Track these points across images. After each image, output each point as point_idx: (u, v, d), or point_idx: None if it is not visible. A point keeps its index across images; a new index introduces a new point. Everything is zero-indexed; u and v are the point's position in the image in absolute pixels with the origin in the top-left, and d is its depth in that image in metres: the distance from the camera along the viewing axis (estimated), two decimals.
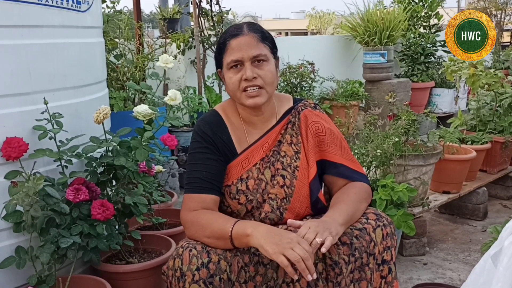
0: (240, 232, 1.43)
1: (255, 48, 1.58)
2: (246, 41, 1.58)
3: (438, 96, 5.98)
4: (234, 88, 1.60)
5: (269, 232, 1.41)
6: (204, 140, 1.64)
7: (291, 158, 1.67)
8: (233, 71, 1.59)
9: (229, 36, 1.60)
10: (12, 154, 1.71)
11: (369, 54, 5.29)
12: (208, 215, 1.53)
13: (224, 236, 1.45)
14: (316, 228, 1.43)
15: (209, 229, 1.49)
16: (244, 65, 1.57)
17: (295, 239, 1.37)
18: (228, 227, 1.46)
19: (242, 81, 1.57)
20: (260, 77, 1.58)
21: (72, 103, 2.00)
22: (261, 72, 1.58)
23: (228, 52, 1.59)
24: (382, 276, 1.57)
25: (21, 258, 1.77)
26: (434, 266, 2.60)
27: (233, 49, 1.58)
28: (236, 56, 1.57)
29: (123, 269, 1.99)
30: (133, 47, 3.78)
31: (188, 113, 4.09)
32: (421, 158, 2.63)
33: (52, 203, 1.75)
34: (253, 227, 1.43)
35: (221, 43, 1.62)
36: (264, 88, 1.59)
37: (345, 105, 4.89)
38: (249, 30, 1.60)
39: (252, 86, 1.57)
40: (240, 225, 1.45)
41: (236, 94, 1.61)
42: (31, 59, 1.81)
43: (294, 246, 1.34)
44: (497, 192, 3.60)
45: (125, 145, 2.01)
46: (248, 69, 1.56)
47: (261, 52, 1.59)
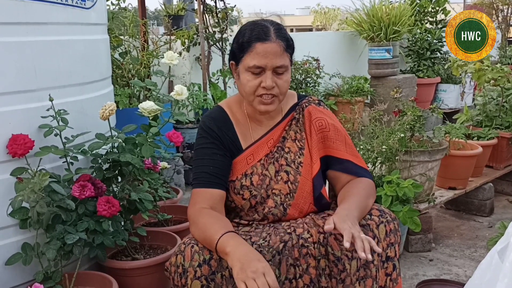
0: (222, 248, 1.41)
1: (279, 58, 1.55)
2: (272, 49, 1.54)
3: (444, 91, 5.95)
4: (250, 91, 1.58)
5: (244, 256, 1.36)
6: (210, 136, 1.64)
7: (295, 154, 1.67)
8: (251, 75, 1.56)
9: (256, 39, 1.55)
10: (18, 151, 1.72)
11: (375, 50, 5.26)
12: (206, 218, 1.52)
13: (212, 246, 1.44)
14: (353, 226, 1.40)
15: (203, 234, 1.48)
16: (265, 73, 1.55)
17: (262, 269, 1.32)
18: (215, 239, 1.42)
19: (259, 87, 1.56)
20: (277, 86, 1.57)
21: (78, 100, 2.01)
22: (279, 82, 1.57)
23: (251, 55, 1.55)
24: (387, 273, 1.56)
25: (28, 255, 1.78)
26: (440, 262, 2.59)
27: (258, 54, 1.54)
28: (260, 62, 1.54)
29: (129, 265, 2.00)
30: (138, 44, 3.78)
31: (193, 110, 4.09)
32: (426, 154, 2.62)
33: (58, 199, 1.76)
34: (234, 246, 1.39)
35: (245, 42, 1.56)
36: (278, 97, 1.59)
37: (350, 101, 4.88)
38: (276, 37, 1.55)
39: (268, 95, 1.57)
40: (224, 241, 1.41)
41: (249, 97, 1.60)
42: (36, 56, 1.82)
43: (258, 278, 1.30)
44: (504, 188, 3.58)
45: (130, 142, 2.01)
46: (268, 78, 1.54)
47: (284, 63, 1.57)
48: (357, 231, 1.39)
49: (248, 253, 1.37)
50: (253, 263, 1.33)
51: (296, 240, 1.53)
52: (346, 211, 1.48)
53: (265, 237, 1.55)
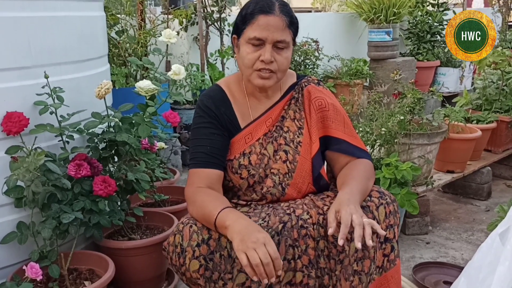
0: (221, 223, 1.40)
1: (281, 32, 1.53)
2: (275, 22, 1.52)
3: (443, 75, 5.92)
4: (248, 64, 1.56)
5: (244, 228, 1.35)
6: (208, 115, 1.62)
7: (294, 134, 1.65)
8: (251, 47, 1.54)
9: (259, 11, 1.53)
10: (12, 129, 1.69)
11: (374, 32, 5.21)
12: (203, 196, 1.51)
13: (210, 222, 1.43)
14: (356, 211, 1.38)
15: (201, 211, 1.47)
16: (264, 46, 1.53)
17: (262, 240, 1.31)
18: (214, 214, 1.42)
19: (258, 60, 1.54)
20: (276, 62, 1.55)
21: (73, 78, 1.98)
22: (278, 57, 1.55)
23: (253, 27, 1.53)
24: (384, 254, 1.56)
25: (23, 234, 1.77)
26: (436, 245, 2.60)
27: (259, 25, 1.52)
28: (261, 34, 1.52)
29: (126, 245, 1.99)
30: (135, 23, 3.72)
31: (191, 90, 4.06)
32: (426, 137, 2.60)
33: (53, 178, 1.73)
34: (233, 220, 1.38)
35: (249, 14, 1.55)
36: (276, 73, 1.57)
37: (349, 84, 4.84)
38: (280, 11, 1.54)
39: (266, 69, 1.54)
40: (223, 215, 1.40)
41: (247, 71, 1.57)
42: (32, 32, 1.78)
43: (258, 248, 1.29)
44: (501, 172, 3.58)
45: (127, 121, 1.98)
46: (267, 52, 1.52)
47: (285, 39, 1.54)
48: (359, 216, 1.37)
49: (247, 225, 1.37)
50: (254, 234, 1.33)
51: (296, 221, 1.51)
52: (348, 195, 1.46)
53: (264, 217, 1.53)
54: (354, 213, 1.38)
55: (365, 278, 1.53)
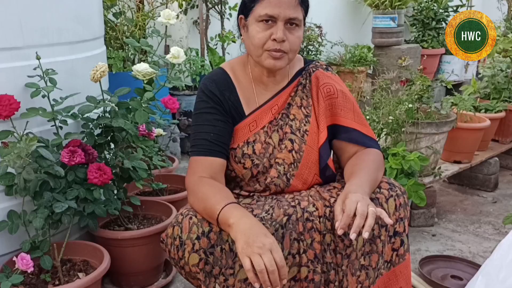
0: (224, 219, 1.31)
1: (293, 9, 1.45)
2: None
3: (448, 63, 5.81)
4: (258, 43, 1.46)
5: (249, 228, 1.26)
6: (212, 100, 1.53)
7: (301, 122, 1.56)
8: (262, 26, 1.45)
9: None
10: (2, 112, 1.60)
11: (379, 18, 5.08)
12: (206, 187, 1.42)
13: (213, 217, 1.34)
14: (362, 199, 1.30)
15: (203, 204, 1.38)
16: (276, 24, 1.44)
17: (269, 245, 1.23)
18: (217, 209, 1.33)
19: (269, 40, 1.45)
20: (288, 41, 1.46)
21: (67, 60, 1.89)
22: (291, 36, 1.46)
23: (264, 4, 1.44)
24: (393, 248, 1.49)
25: (14, 223, 1.70)
26: (443, 238, 2.52)
27: (271, 2, 1.43)
28: (272, 11, 1.43)
29: (122, 236, 1.91)
30: (132, 5, 3.61)
31: (190, 75, 3.95)
32: (434, 126, 2.51)
33: (46, 165, 1.65)
34: (237, 218, 1.29)
35: None
36: (288, 54, 1.48)
37: (352, 71, 4.73)
38: None
39: (278, 50, 1.45)
40: (227, 212, 1.31)
41: (257, 51, 1.48)
42: (23, 11, 1.69)
43: (264, 253, 1.21)
44: (508, 163, 3.50)
45: (124, 106, 1.90)
46: (279, 30, 1.43)
47: (298, 16, 1.46)
48: (365, 205, 1.29)
49: (253, 226, 1.28)
50: (260, 237, 1.24)
51: (301, 214, 1.43)
52: (356, 186, 1.38)
53: (267, 210, 1.45)
54: (360, 200, 1.30)
55: (373, 273, 1.46)
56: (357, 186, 1.38)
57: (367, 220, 1.27)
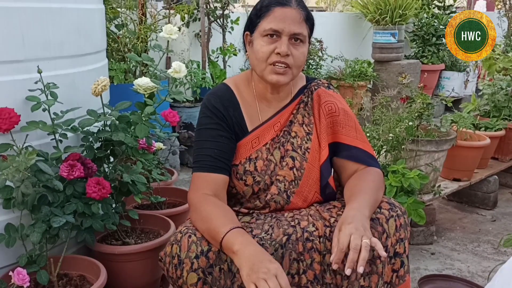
0: (229, 245, 1.30)
1: (298, 25, 1.47)
2: (292, 14, 1.47)
3: (447, 79, 5.84)
4: (262, 57, 1.47)
5: (254, 255, 1.25)
6: (216, 116, 1.52)
7: (302, 139, 1.56)
8: (267, 40, 1.47)
9: (276, 3, 1.48)
10: (2, 125, 1.59)
11: (380, 33, 5.11)
12: (211, 207, 1.41)
13: (216, 240, 1.33)
14: (356, 231, 1.29)
15: (207, 225, 1.37)
16: (281, 38, 1.46)
17: (274, 271, 1.21)
18: (221, 232, 1.31)
19: (273, 53, 1.46)
20: (292, 56, 1.47)
21: (69, 73, 1.88)
22: (295, 52, 1.47)
23: (269, 19, 1.47)
24: (393, 269, 1.47)
25: (11, 236, 1.67)
26: (442, 256, 2.51)
27: (276, 17, 1.46)
28: (277, 26, 1.45)
29: (119, 251, 1.90)
30: (135, 17, 3.62)
31: (191, 88, 3.96)
32: (434, 144, 2.51)
33: (45, 179, 1.64)
34: (242, 245, 1.28)
35: (264, 7, 1.49)
36: (291, 68, 1.49)
37: (352, 86, 4.75)
38: (297, 5, 1.49)
39: (282, 63, 1.46)
40: (231, 237, 1.30)
41: (261, 65, 1.49)
42: (25, 24, 1.68)
43: (269, 279, 1.19)
44: (508, 181, 3.49)
45: (124, 120, 1.88)
46: (284, 44, 1.45)
47: (302, 32, 1.48)
48: (358, 237, 1.27)
49: (258, 253, 1.27)
50: (265, 263, 1.23)
51: (301, 234, 1.42)
52: (355, 211, 1.37)
53: (267, 229, 1.44)
54: (353, 233, 1.28)
55: None
56: (355, 211, 1.36)
57: (361, 253, 1.26)
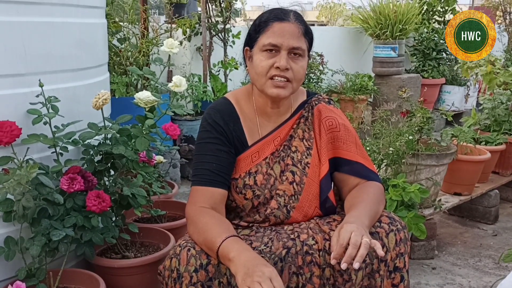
0: (225, 253, 1.30)
1: (297, 39, 1.48)
2: (290, 29, 1.48)
3: (448, 93, 5.85)
4: (262, 72, 1.48)
5: (249, 261, 1.25)
6: (215, 130, 1.53)
7: (302, 154, 1.56)
8: (266, 55, 1.48)
9: (274, 18, 1.49)
10: (3, 138, 1.60)
11: (380, 48, 5.15)
12: (207, 218, 1.41)
13: (213, 250, 1.33)
14: (357, 229, 1.29)
15: (203, 236, 1.37)
16: (280, 53, 1.47)
17: (268, 274, 1.21)
18: (217, 242, 1.31)
19: (272, 68, 1.47)
20: (292, 70, 1.48)
21: (70, 87, 1.89)
22: (294, 66, 1.48)
23: (268, 34, 1.48)
24: (393, 284, 1.47)
25: (11, 249, 1.67)
26: (443, 271, 2.49)
27: (274, 32, 1.47)
28: (276, 40, 1.46)
29: (118, 264, 1.89)
30: (137, 31, 3.65)
31: (192, 101, 3.98)
32: (434, 158, 2.51)
33: (45, 192, 1.65)
34: (238, 252, 1.28)
35: (263, 22, 1.51)
36: (291, 82, 1.49)
37: (353, 99, 4.76)
38: (295, 19, 1.50)
39: (281, 77, 1.47)
40: (227, 245, 1.30)
41: (261, 80, 1.50)
42: (27, 38, 1.70)
43: (264, 281, 1.19)
44: (509, 195, 3.48)
45: (124, 133, 1.90)
46: (283, 58, 1.46)
47: (301, 46, 1.49)
48: (358, 235, 1.28)
49: (253, 258, 1.27)
50: (259, 267, 1.23)
51: (300, 247, 1.42)
52: (355, 218, 1.37)
53: (266, 242, 1.44)
54: (354, 230, 1.29)
55: None
56: (355, 218, 1.37)
57: (359, 250, 1.26)
